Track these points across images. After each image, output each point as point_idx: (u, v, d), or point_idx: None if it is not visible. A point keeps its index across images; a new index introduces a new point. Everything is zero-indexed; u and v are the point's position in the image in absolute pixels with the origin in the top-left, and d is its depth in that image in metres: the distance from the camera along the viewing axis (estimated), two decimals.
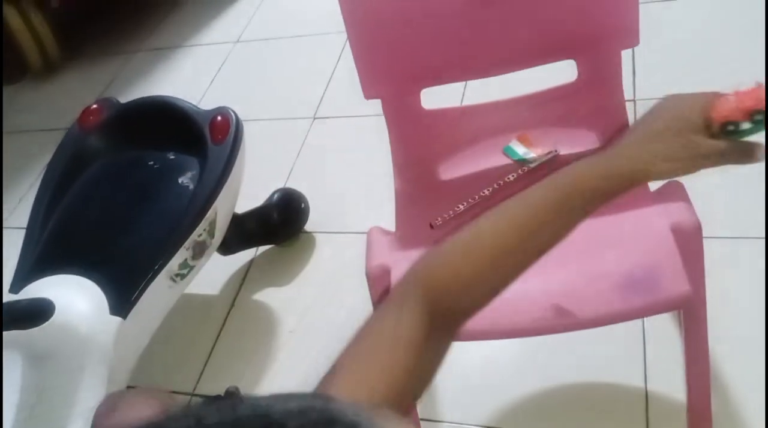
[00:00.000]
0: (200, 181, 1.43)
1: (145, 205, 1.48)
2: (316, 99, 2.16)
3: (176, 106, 1.55)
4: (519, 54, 1.20)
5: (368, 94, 1.23)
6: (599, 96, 1.20)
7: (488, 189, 1.22)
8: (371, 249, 1.11)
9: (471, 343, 1.02)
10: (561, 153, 1.25)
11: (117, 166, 1.56)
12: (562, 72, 1.23)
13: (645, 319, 1.10)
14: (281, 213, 1.71)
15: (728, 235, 1.40)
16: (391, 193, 1.25)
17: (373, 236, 1.15)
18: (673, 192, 1.00)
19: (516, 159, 1.27)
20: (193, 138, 1.49)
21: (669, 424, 1.18)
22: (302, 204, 1.73)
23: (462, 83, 1.40)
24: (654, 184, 1.02)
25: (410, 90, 1.27)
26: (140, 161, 1.55)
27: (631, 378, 1.27)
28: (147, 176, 1.53)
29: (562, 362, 1.34)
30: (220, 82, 2.40)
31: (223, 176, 1.43)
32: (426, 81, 1.26)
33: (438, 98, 1.28)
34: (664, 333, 1.27)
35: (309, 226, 1.75)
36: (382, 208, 1.26)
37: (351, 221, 1.71)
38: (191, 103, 1.54)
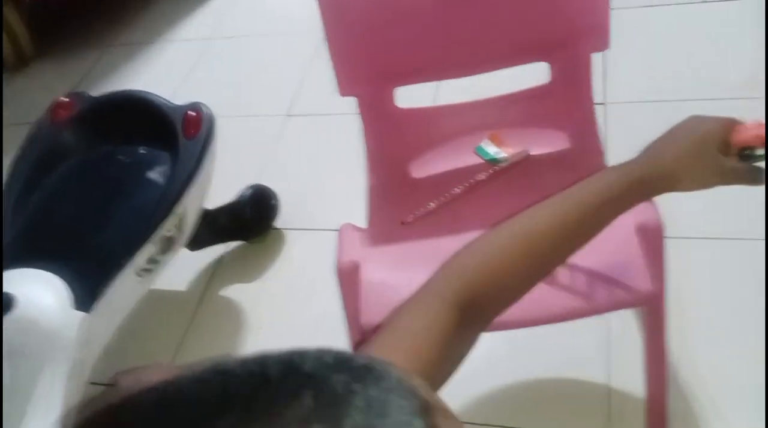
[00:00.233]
0: (170, 176, 1.42)
1: (114, 200, 1.46)
2: (290, 96, 2.16)
3: (148, 101, 1.53)
4: (492, 55, 1.22)
5: (344, 92, 1.23)
6: (570, 98, 1.22)
7: (459, 187, 1.23)
8: (342, 245, 1.11)
9: None
10: (532, 153, 1.27)
11: (87, 161, 1.54)
12: (535, 73, 1.25)
13: (610, 316, 1.12)
14: (252, 209, 1.70)
15: (691, 236, 1.43)
16: (364, 191, 1.26)
17: (345, 232, 1.15)
18: None
19: (487, 158, 1.28)
20: (165, 133, 1.47)
21: (629, 419, 1.21)
22: (273, 200, 1.72)
23: (436, 82, 1.42)
24: None
25: (385, 88, 1.27)
26: (111, 156, 1.53)
27: (595, 373, 1.30)
28: (117, 171, 1.51)
29: (528, 357, 1.36)
30: (194, 78, 2.39)
31: (194, 172, 1.41)
32: (400, 79, 1.27)
33: (412, 97, 1.29)
34: (629, 329, 1.29)
35: (280, 223, 1.74)
36: (354, 205, 1.26)
37: (322, 218, 1.71)
38: (164, 98, 1.53)
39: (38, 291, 1.27)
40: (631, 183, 0.64)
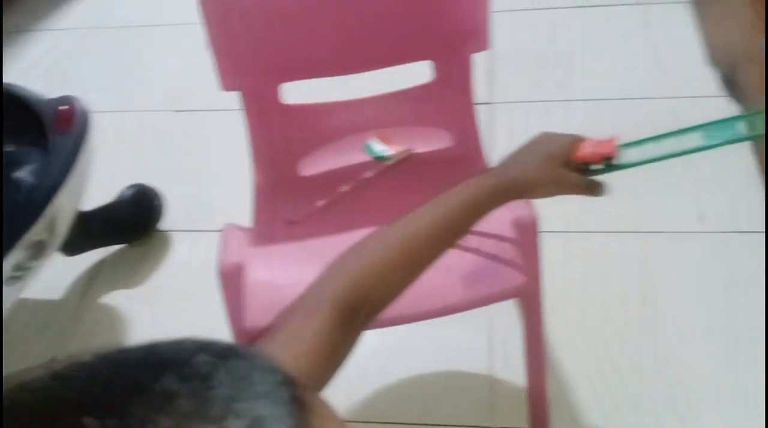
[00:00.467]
0: (40, 175, 1.32)
1: None
2: (178, 91, 2.07)
3: (15, 94, 1.42)
4: (377, 53, 1.22)
5: (226, 86, 1.20)
6: (452, 97, 1.25)
7: (347, 185, 1.23)
8: (225, 246, 1.07)
9: None
10: (416, 151, 1.28)
11: None
12: (426, 72, 1.27)
13: (493, 309, 1.16)
14: (133, 210, 1.62)
15: (564, 230, 1.50)
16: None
17: (228, 233, 1.11)
18: None
19: (375, 156, 1.29)
20: (35, 128, 1.37)
21: (512, 409, 1.26)
22: (156, 200, 1.65)
23: (326, 79, 1.40)
24: None
25: (269, 83, 1.25)
26: None
27: (478, 365, 1.34)
28: None
29: (412, 353, 1.38)
30: (74, 70, 2.24)
31: (67, 170, 1.32)
32: (285, 75, 1.25)
33: (300, 93, 1.27)
34: (511, 321, 1.34)
35: (164, 224, 1.67)
36: (243, 205, 1.23)
37: (210, 218, 1.66)
38: (33, 91, 1.42)
39: None
40: (489, 191, 0.73)
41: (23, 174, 1.36)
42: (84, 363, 0.28)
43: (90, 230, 1.53)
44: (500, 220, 1.01)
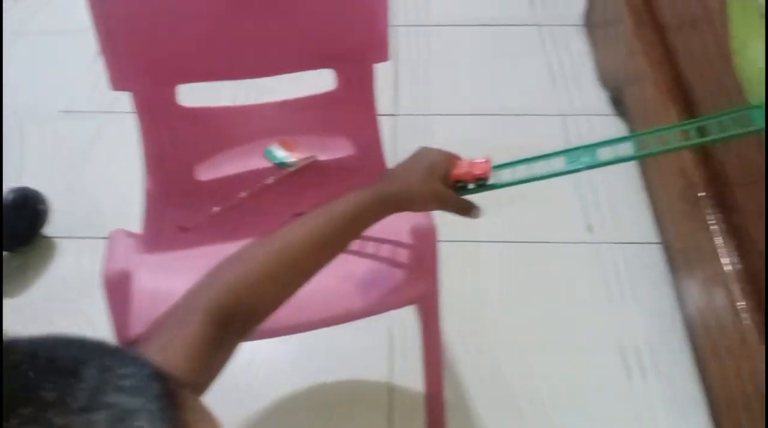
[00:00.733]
0: None
1: None
2: (66, 91, 1.96)
3: None
4: (277, 59, 1.20)
5: (116, 86, 1.14)
6: (354, 106, 1.25)
7: (246, 191, 1.20)
8: (111, 252, 1.02)
9: None
10: (320, 159, 1.27)
11: None
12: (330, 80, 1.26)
13: (393, 316, 1.17)
14: (14, 215, 1.51)
15: (460, 239, 1.53)
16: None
17: (115, 239, 1.06)
18: None
19: (276, 162, 1.27)
20: None
21: (410, 413, 1.27)
22: (41, 205, 1.55)
23: (232, 83, 1.37)
24: None
25: (164, 85, 1.20)
26: None
27: (377, 372, 1.34)
28: None
29: (311, 361, 1.37)
30: None
31: None
32: (182, 77, 1.20)
33: (205, 97, 1.23)
34: (410, 328, 1.35)
35: (50, 230, 1.57)
36: (136, 211, 1.17)
37: (100, 224, 1.56)
38: None
39: None
40: (371, 202, 0.74)
41: None
42: None
43: None
44: (399, 228, 1.02)
